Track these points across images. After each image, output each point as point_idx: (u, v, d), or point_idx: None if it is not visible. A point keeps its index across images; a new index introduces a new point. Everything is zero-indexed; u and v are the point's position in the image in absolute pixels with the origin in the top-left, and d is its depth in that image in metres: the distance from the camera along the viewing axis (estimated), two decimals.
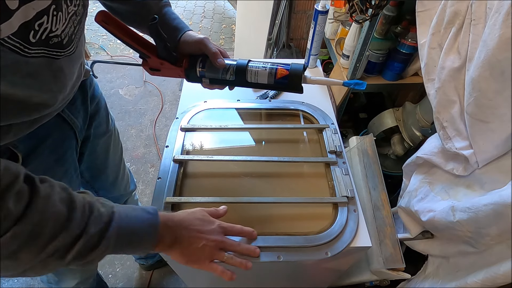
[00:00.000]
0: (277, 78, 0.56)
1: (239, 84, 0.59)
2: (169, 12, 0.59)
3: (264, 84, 0.57)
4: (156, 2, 0.58)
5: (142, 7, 0.57)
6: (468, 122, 0.61)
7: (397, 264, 0.75)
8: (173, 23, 0.59)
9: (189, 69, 0.58)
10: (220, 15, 3.15)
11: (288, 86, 0.57)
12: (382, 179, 0.88)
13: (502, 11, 0.50)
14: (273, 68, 0.56)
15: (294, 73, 0.55)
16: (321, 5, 0.89)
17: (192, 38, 0.57)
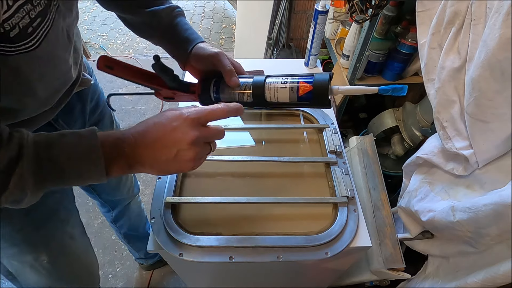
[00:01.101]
0: (299, 95, 0.49)
1: (259, 105, 0.53)
2: (181, 22, 0.56)
3: (286, 103, 0.51)
4: (168, 12, 0.55)
5: (153, 18, 0.54)
6: (468, 122, 0.61)
7: (397, 264, 0.75)
8: (184, 33, 0.55)
9: (203, 95, 0.55)
10: (220, 15, 3.15)
11: (313, 103, 0.50)
12: (382, 179, 0.88)
13: (502, 11, 0.50)
14: (294, 83, 0.49)
15: (319, 87, 0.47)
16: (321, 5, 0.89)
17: (205, 52, 0.53)
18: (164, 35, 0.55)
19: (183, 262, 0.58)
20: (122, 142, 0.37)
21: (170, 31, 0.55)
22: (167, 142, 0.38)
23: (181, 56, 0.55)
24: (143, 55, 2.56)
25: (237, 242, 0.57)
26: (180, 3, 3.30)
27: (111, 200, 0.92)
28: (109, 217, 0.99)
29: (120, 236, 1.07)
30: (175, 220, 0.60)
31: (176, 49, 0.56)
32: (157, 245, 0.57)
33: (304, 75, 0.50)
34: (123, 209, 0.97)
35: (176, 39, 0.55)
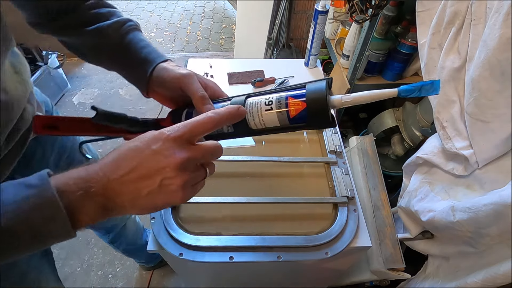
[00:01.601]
0: (291, 117, 0.36)
1: (245, 135, 0.41)
2: (135, 39, 0.45)
3: (276, 129, 0.39)
4: (116, 28, 0.44)
5: (98, 37, 0.43)
6: (468, 122, 0.61)
7: (397, 264, 0.75)
8: (140, 53, 0.44)
9: None
10: (220, 15, 3.15)
11: (311, 124, 0.37)
12: (382, 179, 0.88)
13: (502, 11, 0.50)
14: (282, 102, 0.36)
15: (314, 103, 0.34)
16: (321, 5, 0.89)
17: (170, 74, 0.42)
18: (114, 58, 0.45)
19: (183, 262, 0.58)
20: (86, 181, 0.28)
21: (121, 51, 0.44)
22: (147, 170, 0.29)
23: (140, 81, 0.44)
24: None
25: (237, 242, 0.57)
26: (180, 3, 3.30)
27: (104, 227, 0.88)
28: (106, 239, 0.95)
29: (120, 251, 1.05)
30: (175, 220, 0.60)
31: (133, 74, 0.45)
32: (158, 245, 0.57)
33: (294, 88, 0.37)
34: (120, 230, 0.93)
35: (131, 61, 0.44)
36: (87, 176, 0.28)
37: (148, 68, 0.43)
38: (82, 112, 1.92)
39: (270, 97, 0.37)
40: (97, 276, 1.26)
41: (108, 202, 0.29)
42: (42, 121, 0.39)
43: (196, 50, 2.67)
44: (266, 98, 0.37)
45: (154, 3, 3.32)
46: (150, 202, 0.31)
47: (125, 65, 0.45)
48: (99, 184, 0.28)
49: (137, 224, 1.05)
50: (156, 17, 3.09)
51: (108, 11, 0.45)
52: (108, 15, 0.44)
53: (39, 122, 0.39)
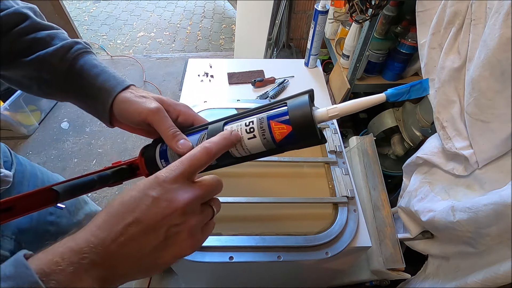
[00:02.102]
0: (277, 141, 0.32)
1: (228, 164, 0.38)
2: (87, 64, 0.37)
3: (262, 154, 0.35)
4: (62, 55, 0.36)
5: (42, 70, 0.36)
6: (468, 122, 0.61)
7: (397, 264, 0.75)
8: (96, 81, 0.37)
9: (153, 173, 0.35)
10: (220, 15, 3.15)
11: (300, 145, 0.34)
12: (382, 179, 0.88)
13: (502, 11, 0.50)
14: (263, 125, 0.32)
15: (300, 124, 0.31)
16: (321, 5, 0.89)
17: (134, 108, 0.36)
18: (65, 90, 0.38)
19: (183, 262, 0.58)
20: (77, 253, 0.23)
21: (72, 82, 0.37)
22: (149, 221, 0.25)
23: (101, 114, 0.38)
24: (143, 55, 2.55)
25: (237, 242, 0.57)
26: (180, 3, 3.31)
27: None
28: None
29: None
30: None
31: (91, 106, 0.39)
32: None
33: (275, 106, 0.33)
34: None
35: (86, 93, 0.37)
36: (77, 246, 0.23)
37: (107, 99, 0.37)
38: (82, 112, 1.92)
39: (250, 122, 0.33)
40: None
41: (108, 273, 0.24)
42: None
43: (196, 50, 2.67)
44: (246, 124, 0.33)
45: (154, 3, 3.32)
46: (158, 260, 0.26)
47: (80, 97, 0.38)
48: (93, 253, 0.23)
49: None
50: (156, 17, 3.09)
51: (47, 35, 0.37)
52: (48, 40, 0.37)
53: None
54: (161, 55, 2.55)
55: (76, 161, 1.70)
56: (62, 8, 2.19)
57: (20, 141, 1.79)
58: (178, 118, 0.39)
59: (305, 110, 0.31)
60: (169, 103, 0.38)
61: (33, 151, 1.74)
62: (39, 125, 1.88)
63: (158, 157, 0.38)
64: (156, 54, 2.56)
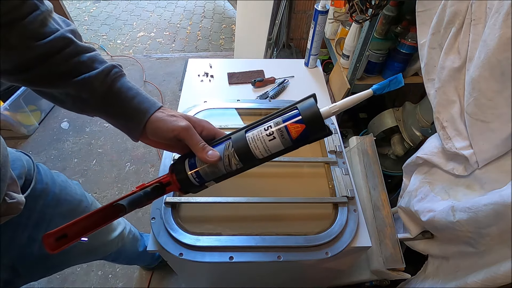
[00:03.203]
0: (294, 138, 0.40)
1: (253, 166, 0.43)
2: (124, 87, 0.42)
3: (282, 151, 0.42)
4: (102, 79, 0.40)
5: (82, 88, 0.39)
6: (468, 122, 0.61)
7: (397, 264, 0.75)
8: (131, 103, 0.41)
9: (185, 187, 0.44)
10: (220, 15, 3.15)
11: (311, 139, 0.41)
12: (382, 179, 0.88)
13: (502, 11, 0.50)
14: (281, 126, 0.40)
15: (312, 121, 0.39)
16: (321, 5, 0.89)
17: (168, 126, 0.41)
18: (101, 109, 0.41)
19: (183, 262, 0.58)
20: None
21: (110, 103, 0.41)
22: None
23: (133, 131, 0.43)
24: (143, 55, 2.55)
25: (237, 242, 0.57)
26: (180, 3, 3.31)
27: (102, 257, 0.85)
28: (108, 260, 0.92)
29: (124, 264, 1.04)
30: (175, 220, 0.60)
31: (125, 124, 0.43)
32: (158, 245, 0.57)
33: (287, 111, 0.41)
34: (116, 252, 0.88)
35: (121, 112, 0.42)
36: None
37: (142, 119, 0.42)
38: None
39: (268, 127, 0.40)
40: (97, 276, 1.26)
41: None
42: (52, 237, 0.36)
43: (196, 50, 2.67)
44: (265, 129, 0.40)
45: (154, 3, 3.32)
46: None
47: (114, 116, 0.42)
48: None
49: (134, 234, 1.00)
50: (156, 17, 3.09)
51: (89, 58, 0.40)
52: (90, 63, 0.40)
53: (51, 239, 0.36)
54: (161, 55, 2.55)
55: (76, 161, 1.70)
56: (62, 8, 2.20)
57: (20, 141, 1.79)
58: (202, 133, 0.44)
59: (314, 110, 0.38)
60: (194, 120, 0.43)
61: (33, 151, 1.74)
62: (39, 125, 1.88)
63: (188, 169, 0.43)
64: (156, 54, 2.56)
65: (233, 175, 0.44)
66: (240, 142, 0.41)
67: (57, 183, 0.60)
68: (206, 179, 0.43)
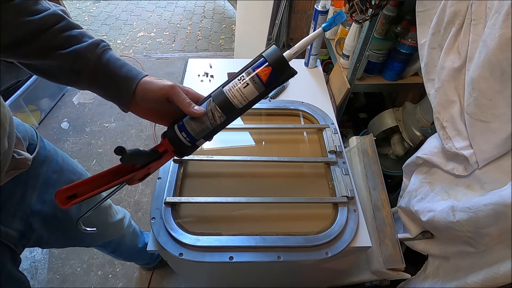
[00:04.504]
0: (265, 82, 0.45)
1: (235, 117, 0.48)
2: (112, 58, 0.45)
3: (258, 97, 0.46)
4: (92, 50, 0.43)
5: (75, 59, 0.42)
6: (468, 122, 0.61)
7: (397, 264, 0.75)
8: (121, 71, 0.45)
9: (177, 147, 0.47)
10: (220, 15, 3.15)
11: (280, 80, 0.46)
12: (382, 179, 0.88)
13: (502, 11, 0.50)
14: (252, 74, 0.45)
15: (277, 63, 0.44)
16: (321, 5, 0.89)
17: (156, 86, 0.45)
18: (94, 79, 0.44)
19: (183, 262, 0.58)
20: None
21: (101, 72, 0.44)
22: None
23: (123, 97, 0.45)
24: (143, 55, 2.55)
25: (237, 242, 0.57)
26: (180, 3, 3.30)
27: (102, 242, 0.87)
28: (106, 251, 0.94)
29: (122, 259, 1.04)
30: (175, 220, 0.60)
31: (115, 92, 0.46)
32: (158, 245, 0.57)
33: (255, 61, 0.46)
34: (117, 242, 0.91)
35: (113, 80, 0.45)
36: None
37: (132, 83, 0.45)
38: (82, 112, 1.92)
39: (241, 77, 0.45)
40: (97, 276, 1.26)
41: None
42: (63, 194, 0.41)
43: (196, 50, 2.67)
44: (239, 80, 0.45)
45: (154, 3, 3.32)
46: None
47: (106, 85, 0.45)
48: None
49: (134, 229, 1.02)
50: (156, 17, 3.09)
51: (79, 33, 0.44)
52: (80, 37, 0.43)
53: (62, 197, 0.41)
54: (161, 55, 2.55)
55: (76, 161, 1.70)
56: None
57: None
58: (188, 96, 0.47)
59: (277, 53, 0.44)
60: (178, 85, 0.47)
61: None
62: (39, 125, 1.88)
63: (178, 131, 0.46)
64: (156, 54, 2.56)
65: (219, 129, 0.48)
66: (220, 96, 0.46)
67: (59, 154, 0.64)
68: (196, 137, 0.47)
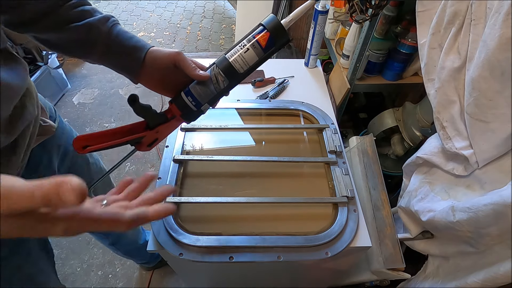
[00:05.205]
0: (264, 46, 0.48)
1: (237, 82, 0.52)
2: (121, 31, 0.48)
3: (257, 62, 0.50)
4: (103, 22, 0.46)
5: (89, 32, 0.45)
6: (468, 122, 0.61)
7: (397, 264, 0.75)
8: (130, 42, 0.48)
9: (184, 111, 0.51)
10: (220, 15, 3.15)
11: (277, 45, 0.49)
12: (382, 179, 0.88)
13: (502, 11, 0.50)
14: (253, 40, 0.49)
15: (275, 29, 0.48)
16: (321, 5, 0.89)
17: (164, 53, 0.49)
18: (106, 50, 0.47)
19: (183, 262, 0.58)
20: None
21: (112, 43, 0.47)
22: None
23: (133, 67, 0.49)
24: None
25: (237, 242, 0.57)
26: (180, 3, 3.30)
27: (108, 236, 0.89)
28: (106, 242, 0.95)
29: (120, 253, 1.05)
30: (175, 220, 0.60)
31: (126, 61, 0.49)
32: (158, 245, 0.57)
33: (254, 29, 0.50)
34: (119, 232, 0.93)
35: (123, 50, 0.48)
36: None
37: (142, 52, 0.48)
38: (82, 112, 1.92)
39: (242, 43, 0.49)
40: (97, 276, 1.26)
41: None
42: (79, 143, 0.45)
43: (196, 50, 2.67)
44: (240, 46, 0.49)
45: (154, 3, 3.32)
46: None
47: (118, 56, 0.48)
48: None
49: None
50: (156, 17, 3.09)
51: (91, 8, 0.47)
52: (92, 12, 0.47)
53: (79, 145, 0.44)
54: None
55: None
56: None
57: None
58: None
59: (275, 20, 0.48)
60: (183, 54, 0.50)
61: None
62: None
63: (185, 96, 0.50)
64: None
65: (223, 94, 0.51)
66: (223, 62, 0.49)
67: (73, 130, 0.68)
68: (201, 101, 0.50)
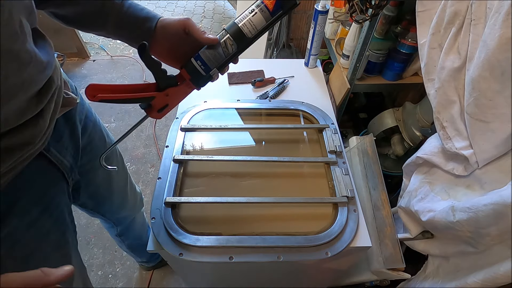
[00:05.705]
0: (271, 10, 0.50)
1: (245, 47, 0.53)
2: (133, 4, 0.51)
3: (265, 27, 0.51)
4: None
5: (102, 6, 0.48)
6: (468, 122, 0.61)
7: (397, 264, 0.75)
8: (141, 13, 0.51)
9: (194, 75, 0.52)
10: (220, 15, 3.15)
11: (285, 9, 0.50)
12: (382, 179, 0.88)
13: (502, 11, 0.50)
14: (260, 5, 0.50)
15: None
16: (321, 5, 0.89)
17: (173, 20, 0.51)
18: (120, 21, 0.50)
19: (183, 262, 0.58)
20: None
21: (126, 14, 0.50)
22: None
23: (145, 36, 0.51)
24: None
25: (237, 242, 0.57)
26: (180, 3, 3.31)
27: (116, 218, 0.89)
28: (113, 232, 0.96)
29: (124, 246, 1.05)
30: (175, 220, 0.60)
31: (138, 31, 0.51)
32: (157, 245, 0.57)
33: None
34: (128, 224, 0.95)
35: (135, 21, 0.50)
36: None
37: (153, 21, 0.51)
38: None
39: (251, 8, 0.51)
40: (97, 276, 1.26)
41: None
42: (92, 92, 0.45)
43: None
44: (249, 12, 0.51)
45: (154, 3, 3.32)
46: None
47: (130, 26, 0.51)
48: None
49: (144, 218, 1.05)
50: None
51: None
52: None
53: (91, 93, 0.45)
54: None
55: None
56: None
57: None
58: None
59: None
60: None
61: None
62: None
63: (194, 61, 0.52)
64: None
65: (231, 59, 0.53)
66: (232, 27, 0.51)
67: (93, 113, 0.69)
68: (210, 66, 0.52)
